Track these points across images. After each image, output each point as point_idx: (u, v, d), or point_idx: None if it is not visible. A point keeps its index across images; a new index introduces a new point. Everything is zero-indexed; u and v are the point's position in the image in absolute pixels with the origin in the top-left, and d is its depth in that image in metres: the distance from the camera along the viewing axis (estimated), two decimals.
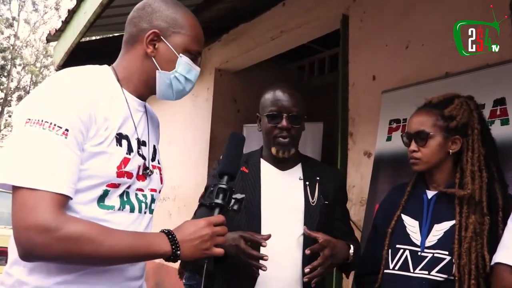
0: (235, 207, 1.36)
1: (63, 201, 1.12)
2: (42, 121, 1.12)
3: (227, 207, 1.34)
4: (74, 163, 1.15)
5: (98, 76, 1.30)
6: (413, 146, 1.66)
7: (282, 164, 1.84)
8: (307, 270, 1.59)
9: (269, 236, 1.60)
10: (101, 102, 1.23)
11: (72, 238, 1.09)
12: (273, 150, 1.79)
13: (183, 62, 1.35)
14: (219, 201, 1.34)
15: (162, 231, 1.24)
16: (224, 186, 1.36)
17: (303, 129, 1.86)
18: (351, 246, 1.76)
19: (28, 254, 1.09)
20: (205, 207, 1.48)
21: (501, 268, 1.44)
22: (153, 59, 1.34)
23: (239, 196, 1.37)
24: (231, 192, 1.37)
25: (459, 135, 1.63)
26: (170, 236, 1.22)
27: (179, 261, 1.29)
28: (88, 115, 1.18)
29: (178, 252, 1.21)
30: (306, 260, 1.68)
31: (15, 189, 1.10)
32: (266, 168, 1.84)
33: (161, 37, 1.33)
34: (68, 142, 1.13)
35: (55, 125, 1.12)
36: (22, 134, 1.13)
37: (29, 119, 1.12)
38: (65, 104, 1.15)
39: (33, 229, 1.06)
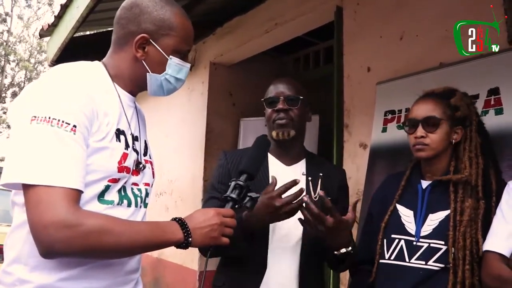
0: (248, 204, 1.39)
1: (77, 196, 1.13)
2: (49, 118, 1.12)
3: (241, 203, 1.38)
4: (83, 158, 1.16)
5: (93, 72, 1.31)
6: (421, 131, 1.66)
7: (288, 157, 1.85)
8: (306, 197, 1.52)
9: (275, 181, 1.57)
10: (99, 97, 1.24)
11: (93, 232, 1.10)
12: (274, 133, 1.81)
13: (173, 64, 1.36)
14: (233, 195, 1.38)
15: (174, 219, 1.27)
16: (241, 183, 1.40)
17: (306, 117, 1.88)
18: (350, 247, 1.63)
19: (49, 251, 1.10)
20: (218, 199, 1.58)
21: (489, 255, 1.46)
22: (143, 62, 1.34)
23: (254, 194, 1.41)
24: (247, 190, 1.41)
25: (461, 126, 1.65)
26: (182, 224, 1.25)
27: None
28: (91, 110, 1.19)
29: (190, 239, 1.24)
30: (304, 255, 1.73)
31: (28, 187, 1.10)
32: (273, 163, 1.85)
33: (150, 40, 1.33)
34: (77, 138, 1.14)
35: (63, 121, 1.13)
36: (29, 132, 1.12)
37: (35, 117, 1.12)
38: (69, 100, 1.16)
39: (52, 226, 1.07)
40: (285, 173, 1.81)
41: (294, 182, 1.55)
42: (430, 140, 1.65)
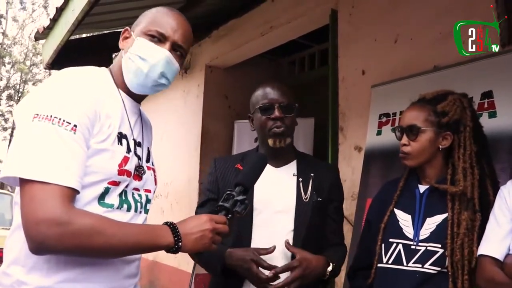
0: (239, 209, 1.40)
1: (72, 195, 1.13)
2: (51, 116, 1.13)
3: (232, 209, 1.39)
4: (82, 158, 1.17)
5: (98, 76, 1.33)
6: (404, 140, 1.67)
7: (278, 160, 1.84)
8: None
9: (273, 249, 1.66)
10: (102, 99, 1.25)
11: (84, 232, 1.11)
12: (270, 141, 1.79)
13: (137, 43, 1.35)
14: (226, 205, 1.39)
15: (165, 223, 1.27)
16: (234, 193, 1.41)
17: (296, 122, 1.87)
18: (331, 264, 1.73)
19: (39, 247, 1.10)
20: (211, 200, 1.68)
21: (483, 259, 1.47)
22: (122, 52, 1.38)
23: (240, 197, 1.41)
24: (237, 197, 1.42)
25: (450, 131, 1.64)
26: (173, 228, 1.25)
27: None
28: (94, 111, 1.20)
29: (180, 244, 1.24)
30: (292, 256, 1.70)
31: (24, 182, 1.11)
32: None
33: (131, 32, 1.37)
34: (77, 138, 1.15)
35: (64, 120, 1.14)
36: (30, 129, 1.14)
37: (37, 114, 1.14)
38: (72, 101, 1.17)
39: (44, 222, 1.07)
40: (276, 175, 1.82)
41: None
42: (411, 149, 1.66)
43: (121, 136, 1.28)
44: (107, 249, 1.16)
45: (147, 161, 1.43)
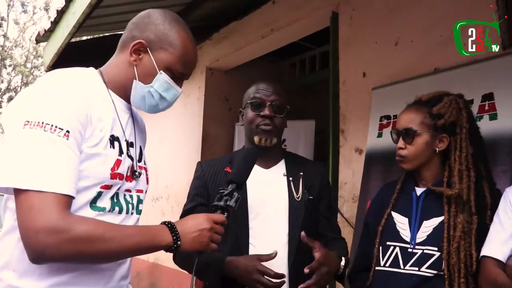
0: (232, 203, 1.41)
1: (68, 201, 1.13)
2: (42, 123, 1.12)
3: (226, 206, 1.39)
4: (76, 164, 1.16)
5: (87, 78, 1.32)
6: (401, 143, 1.68)
7: (266, 161, 1.83)
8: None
9: (275, 255, 1.62)
10: (93, 102, 1.24)
11: (83, 238, 1.11)
12: (256, 139, 1.78)
13: (161, 80, 1.35)
14: (220, 203, 1.39)
15: (163, 223, 1.28)
16: (227, 192, 1.42)
17: (285, 124, 1.87)
18: (343, 258, 1.72)
19: (39, 256, 1.10)
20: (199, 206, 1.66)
21: (486, 261, 1.47)
22: (135, 68, 1.35)
23: (227, 191, 1.42)
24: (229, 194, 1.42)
25: (447, 134, 1.64)
26: (171, 228, 1.26)
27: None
28: (85, 115, 1.19)
29: (179, 243, 1.25)
30: (292, 257, 1.71)
31: (20, 192, 1.10)
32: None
33: (147, 48, 1.33)
34: (70, 144, 1.14)
35: (56, 127, 1.13)
36: (22, 137, 1.12)
37: (28, 121, 1.12)
38: (63, 106, 1.16)
39: (43, 231, 1.06)
40: (265, 176, 1.81)
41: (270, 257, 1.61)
42: (407, 152, 1.66)
43: (113, 139, 1.27)
44: (108, 253, 1.16)
45: (139, 160, 1.42)
